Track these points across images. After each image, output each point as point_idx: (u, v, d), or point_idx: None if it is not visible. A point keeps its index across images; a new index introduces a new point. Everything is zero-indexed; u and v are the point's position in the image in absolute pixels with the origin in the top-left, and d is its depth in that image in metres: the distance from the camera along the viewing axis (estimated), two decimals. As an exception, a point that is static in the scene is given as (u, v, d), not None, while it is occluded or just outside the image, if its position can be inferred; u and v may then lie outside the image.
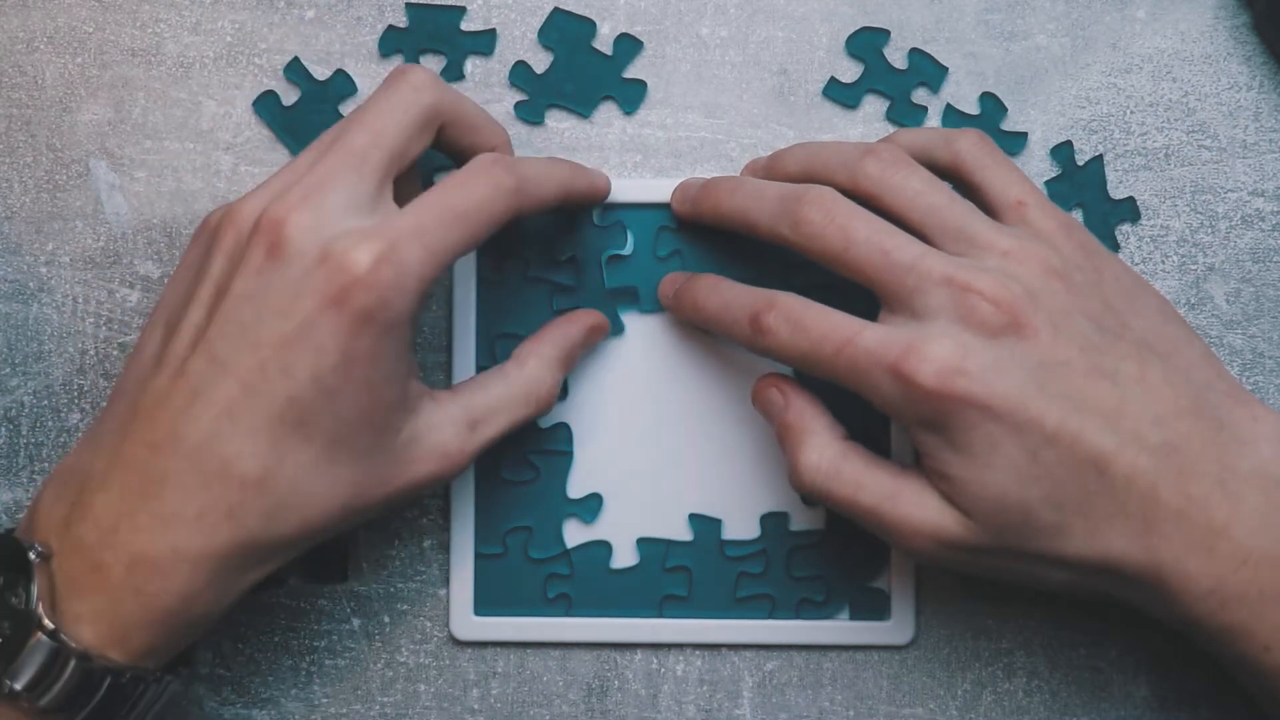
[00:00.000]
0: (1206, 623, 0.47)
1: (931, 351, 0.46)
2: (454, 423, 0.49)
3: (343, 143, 0.48)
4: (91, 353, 0.56)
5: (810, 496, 0.50)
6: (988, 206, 0.51)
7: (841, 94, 0.57)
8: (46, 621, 0.45)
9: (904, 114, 0.56)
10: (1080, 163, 0.56)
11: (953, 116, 0.56)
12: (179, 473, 0.45)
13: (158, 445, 0.45)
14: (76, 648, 0.45)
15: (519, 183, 0.48)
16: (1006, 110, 0.56)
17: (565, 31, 0.57)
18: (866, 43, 0.57)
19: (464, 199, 0.47)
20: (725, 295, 0.52)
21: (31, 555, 0.45)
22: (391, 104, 0.48)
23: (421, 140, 0.49)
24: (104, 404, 0.53)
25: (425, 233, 0.46)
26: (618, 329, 0.56)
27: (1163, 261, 0.56)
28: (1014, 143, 0.56)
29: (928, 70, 0.56)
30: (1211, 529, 0.46)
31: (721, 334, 0.52)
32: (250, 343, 0.45)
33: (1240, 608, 0.46)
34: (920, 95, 0.57)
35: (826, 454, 0.50)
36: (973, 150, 0.51)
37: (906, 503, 0.48)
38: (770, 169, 0.54)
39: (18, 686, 0.44)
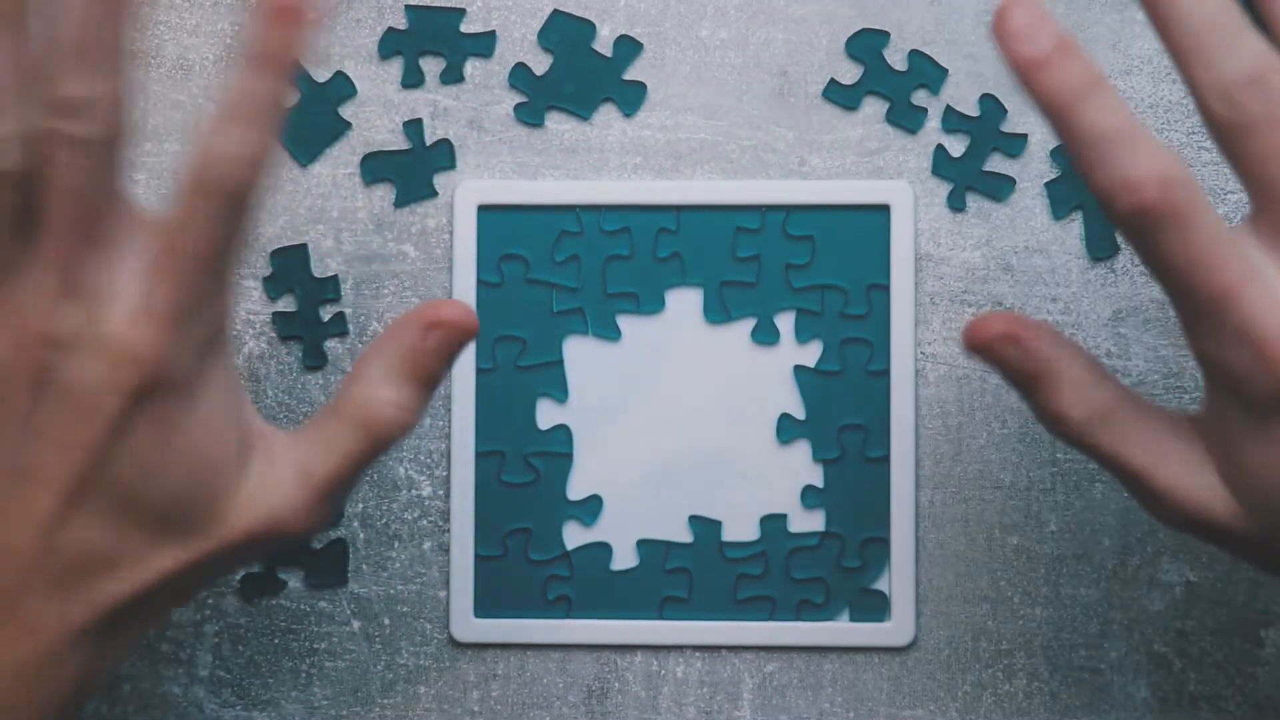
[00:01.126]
0: None
1: None
2: (283, 478, 0.45)
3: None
4: (92, 355, 0.56)
5: (1070, 444, 0.45)
6: None
7: (841, 96, 0.57)
8: None
9: (904, 115, 0.56)
10: (1080, 164, 0.56)
11: (952, 118, 0.56)
12: (29, 583, 0.44)
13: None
14: None
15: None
16: (1006, 112, 0.56)
17: (565, 33, 0.57)
18: (866, 44, 0.57)
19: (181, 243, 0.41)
20: (1119, 112, 0.40)
21: None
22: None
23: None
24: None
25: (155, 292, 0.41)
26: (616, 333, 0.56)
27: (1163, 263, 0.56)
28: (1014, 144, 0.56)
29: (928, 72, 0.56)
30: None
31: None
32: (59, 450, 0.42)
33: None
34: (920, 97, 0.56)
35: (1098, 397, 0.43)
36: None
37: (1175, 470, 0.43)
38: None
39: None
